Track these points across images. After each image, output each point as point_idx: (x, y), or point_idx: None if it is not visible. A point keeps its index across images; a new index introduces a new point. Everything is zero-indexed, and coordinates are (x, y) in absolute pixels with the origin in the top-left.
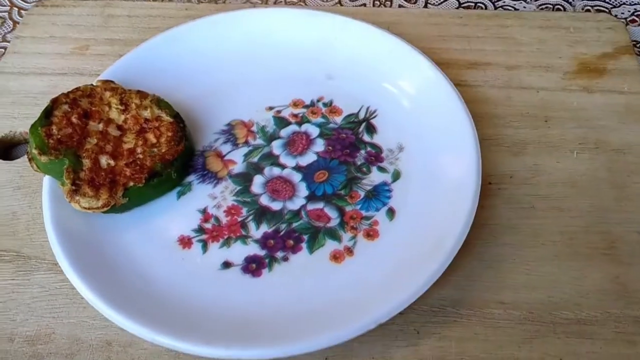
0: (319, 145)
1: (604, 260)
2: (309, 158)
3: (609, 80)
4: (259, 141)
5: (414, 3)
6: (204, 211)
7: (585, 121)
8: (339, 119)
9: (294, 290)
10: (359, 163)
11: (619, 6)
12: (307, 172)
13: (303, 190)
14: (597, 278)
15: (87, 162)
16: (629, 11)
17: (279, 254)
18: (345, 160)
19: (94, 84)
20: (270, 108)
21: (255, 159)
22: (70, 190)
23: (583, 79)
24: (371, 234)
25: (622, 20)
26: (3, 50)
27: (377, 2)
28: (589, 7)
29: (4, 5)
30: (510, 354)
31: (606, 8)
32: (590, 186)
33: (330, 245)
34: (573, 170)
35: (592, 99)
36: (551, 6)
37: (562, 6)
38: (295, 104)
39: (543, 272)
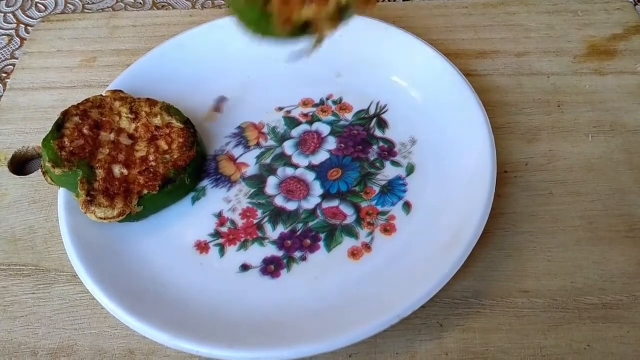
0: (331, 144)
1: (626, 243)
2: (321, 157)
3: (621, 61)
4: (271, 142)
5: None
6: (219, 215)
7: (599, 104)
8: (349, 116)
9: (314, 289)
10: (372, 159)
11: None
12: (320, 171)
13: (317, 189)
14: (621, 262)
15: (100, 173)
16: None
17: (297, 254)
18: (358, 156)
19: (104, 95)
20: (280, 109)
21: (268, 161)
22: (85, 202)
23: (594, 62)
24: (388, 229)
25: (631, 0)
26: (12, 67)
27: None
28: None
29: (11, 23)
30: (536, 343)
31: None
32: (608, 169)
33: (348, 243)
34: (589, 154)
35: (604, 81)
36: None
37: None
38: (305, 104)
39: (565, 259)
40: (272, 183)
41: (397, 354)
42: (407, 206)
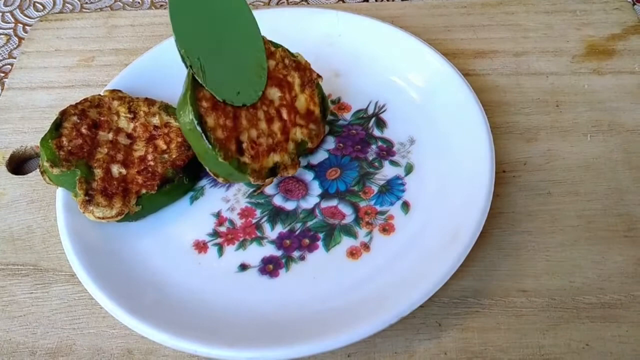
0: (330, 143)
1: (624, 242)
2: (320, 156)
3: (619, 61)
4: None
5: None
6: (217, 215)
7: (598, 104)
8: (348, 116)
9: (313, 288)
10: (370, 158)
11: None
12: (319, 170)
13: (316, 189)
14: (619, 261)
15: (98, 172)
16: None
17: (296, 254)
18: (357, 156)
19: (102, 94)
20: None
21: None
22: (83, 201)
23: (592, 62)
24: (387, 229)
25: (629, 0)
26: (10, 66)
27: None
28: None
29: (9, 22)
30: (534, 342)
31: None
32: (606, 168)
33: (346, 242)
34: (588, 154)
35: (602, 81)
36: None
37: None
38: None
39: (563, 258)
40: None
41: (396, 353)
42: (406, 206)
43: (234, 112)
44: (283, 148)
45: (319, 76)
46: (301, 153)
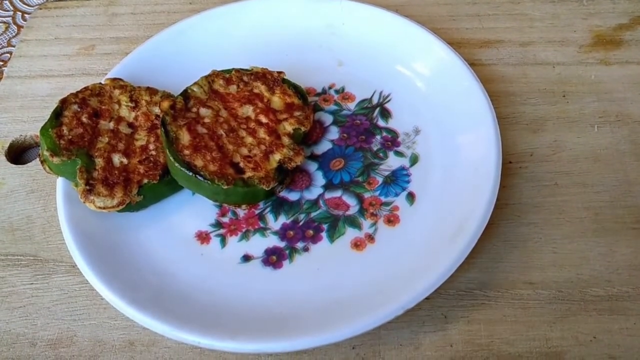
0: (334, 133)
1: (632, 234)
2: (323, 146)
3: (627, 51)
4: None
5: None
6: (220, 205)
7: (605, 94)
8: (352, 105)
9: (317, 280)
10: (375, 149)
11: None
12: (322, 161)
13: (320, 179)
14: (627, 253)
15: (99, 162)
16: None
17: (299, 245)
18: (361, 146)
19: (103, 83)
20: None
21: None
22: (84, 191)
23: (600, 52)
24: (392, 220)
25: None
26: (9, 54)
27: None
28: None
29: (7, 10)
30: (541, 335)
31: None
32: (614, 160)
33: (350, 233)
34: (595, 145)
35: (610, 71)
36: None
37: None
38: (307, 92)
39: (570, 250)
40: None
41: (401, 345)
42: (411, 197)
43: (217, 144)
44: (278, 146)
45: (279, 73)
46: (301, 140)
